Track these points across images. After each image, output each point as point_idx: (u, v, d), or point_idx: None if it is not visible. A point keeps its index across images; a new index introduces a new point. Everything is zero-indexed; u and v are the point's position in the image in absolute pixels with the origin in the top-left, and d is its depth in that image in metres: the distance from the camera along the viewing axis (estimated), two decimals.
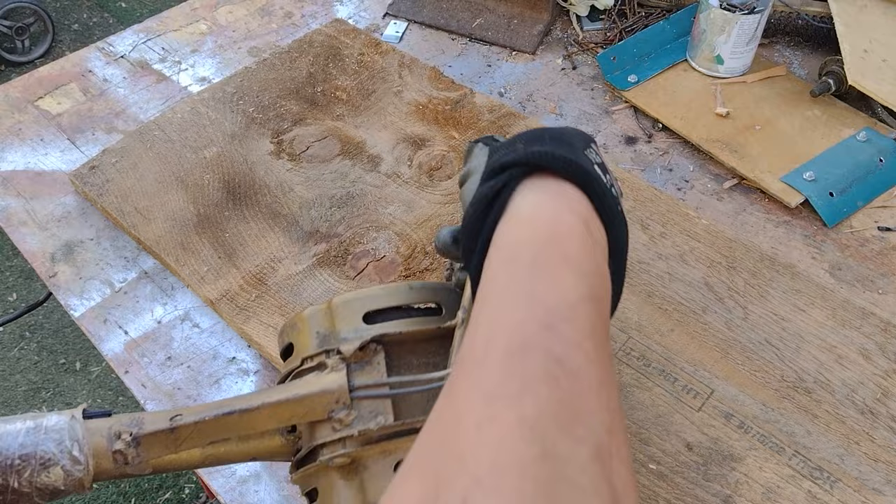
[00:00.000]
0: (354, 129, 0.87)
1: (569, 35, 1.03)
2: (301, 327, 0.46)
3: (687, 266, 0.73)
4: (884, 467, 0.60)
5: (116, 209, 0.79)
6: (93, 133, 0.91)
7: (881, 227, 0.78)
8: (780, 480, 0.59)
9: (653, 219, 0.77)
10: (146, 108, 0.94)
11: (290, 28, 1.05)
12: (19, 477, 0.38)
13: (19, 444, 0.39)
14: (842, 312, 0.69)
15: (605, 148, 0.87)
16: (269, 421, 0.42)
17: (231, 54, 1.01)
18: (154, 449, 0.41)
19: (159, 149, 0.84)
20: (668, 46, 0.96)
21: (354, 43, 0.98)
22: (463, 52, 1.01)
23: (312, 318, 0.45)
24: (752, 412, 0.63)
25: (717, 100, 0.90)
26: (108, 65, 1.00)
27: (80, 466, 0.40)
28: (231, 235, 0.76)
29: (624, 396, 0.63)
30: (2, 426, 0.39)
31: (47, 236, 0.80)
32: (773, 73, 0.93)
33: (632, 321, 0.69)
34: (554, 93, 0.95)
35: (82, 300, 0.74)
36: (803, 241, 0.77)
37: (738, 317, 0.69)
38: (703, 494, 0.58)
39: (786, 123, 0.87)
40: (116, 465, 0.41)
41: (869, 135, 0.84)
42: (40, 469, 0.39)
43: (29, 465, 0.39)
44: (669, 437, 0.61)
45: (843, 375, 0.65)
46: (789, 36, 1.01)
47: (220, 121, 0.88)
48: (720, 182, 0.83)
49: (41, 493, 0.39)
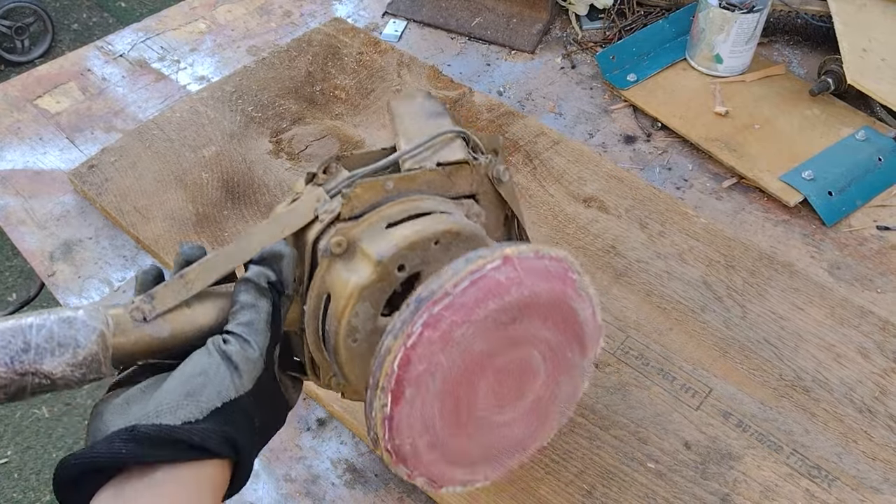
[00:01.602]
0: (353, 129, 0.87)
1: (568, 34, 1.03)
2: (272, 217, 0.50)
3: (685, 265, 0.73)
4: (882, 465, 0.60)
5: (115, 208, 0.79)
6: (92, 132, 0.91)
7: (880, 226, 0.78)
8: (779, 479, 0.59)
9: (651, 218, 0.77)
10: (145, 107, 0.94)
11: (288, 27, 1.05)
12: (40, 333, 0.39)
13: (36, 315, 0.39)
14: (840, 311, 0.69)
15: (603, 147, 0.88)
16: (264, 237, 0.45)
17: (230, 53, 1.01)
18: (168, 298, 0.43)
19: (158, 148, 0.84)
20: (667, 45, 0.96)
21: (353, 42, 0.98)
22: (462, 51, 1.01)
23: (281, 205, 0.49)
24: (751, 411, 0.63)
25: (716, 99, 0.90)
26: (107, 64, 1.00)
27: (98, 318, 0.40)
28: (230, 234, 0.76)
29: (622, 395, 0.64)
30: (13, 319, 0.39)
31: (46, 235, 0.80)
32: (772, 72, 0.93)
33: (630, 320, 0.69)
34: (553, 92, 0.95)
35: (81, 299, 0.74)
36: (802, 239, 0.77)
37: (737, 315, 0.69)
38: (701, 493, 0.58)
39: (785, 122, 0.87)
40: (135, 322, 0.42)
41: (868, 134, 0.84)
42: (61, 324, 0.39)
43: (48, 323, 0.39)
44: (668, 435, 0.61)
45: (841, 374, 0.65)
46: (788, 35, 1.01)
47: (218, 120, 0.88)
48: (719, 181, 0.83)
49: (66, 353, 0.39)
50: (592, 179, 0.81)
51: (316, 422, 0.65)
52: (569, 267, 0.44)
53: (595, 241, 0.75)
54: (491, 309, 0.41)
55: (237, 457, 0.40)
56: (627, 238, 0.75)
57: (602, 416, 0.62)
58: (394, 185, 0.47)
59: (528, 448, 0.49)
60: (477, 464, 0.47)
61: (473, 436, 0.45)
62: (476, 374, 0.43)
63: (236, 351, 0.41)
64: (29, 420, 1.65)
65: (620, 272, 0.72)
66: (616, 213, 0.78)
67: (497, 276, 0.41)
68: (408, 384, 0.40)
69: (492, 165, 0.50)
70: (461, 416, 0.44)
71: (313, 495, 0.61)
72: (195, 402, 0.39)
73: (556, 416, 0.49)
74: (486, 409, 0.45)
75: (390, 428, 0.41)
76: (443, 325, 0.40)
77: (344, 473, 0.62)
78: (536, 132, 0.86)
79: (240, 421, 0.41)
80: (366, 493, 0.61)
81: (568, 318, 0.45)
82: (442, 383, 0.41)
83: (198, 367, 0.41)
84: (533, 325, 0.43)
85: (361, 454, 0.63)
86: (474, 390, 0.43)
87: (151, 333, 0.42)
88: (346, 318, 0.44)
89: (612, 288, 0.71)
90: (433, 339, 0.40)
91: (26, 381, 0.39)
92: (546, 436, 0.50)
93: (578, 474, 0.59)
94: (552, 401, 0.48)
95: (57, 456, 1.57)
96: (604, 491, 0.58)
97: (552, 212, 0.78)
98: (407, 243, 0.44)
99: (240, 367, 0.41)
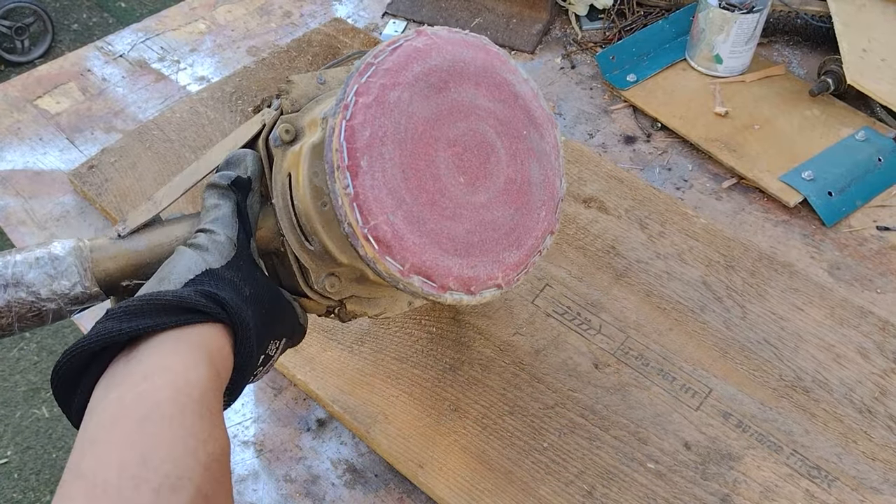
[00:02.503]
0: None
1: (568, 34, 1.03)
2: None
3: (685, 265, 0.73)
4: (881, 466, 0.60)
5: (115, 209, 0.79)
6: (91, 132, 0.91)
7: (880, 226, 0.78)
8: (778, 479, 0.59)
9: (651, 218, 0.77)
10: (145, 107, 0.94)
11: (288, 27, 1.05)
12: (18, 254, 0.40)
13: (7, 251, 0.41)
14: (840, 311, 0.69)
15: (603, 147, 0.88)
16: (221, 152, 0.48)
17: (230, 54, 1.01)
18: (139, 217, 0.46)
19: (158, 148, 0.84)
20: (666, 46, 0.96)
21: (353, 42, 0.98)
22: None
23: None
24: (751, 411, 0.63)
25: (716, 99, 0.90)
26: (107, 64, 1.00)
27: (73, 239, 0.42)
28: None
29: (622, 395, 0.64)
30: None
31: (46, 236, 0.80)
32: (772, 72, 0.93)
33: (630, 320, 0.69)
34: (553, 92, 0.95)
35: None
36: (802, 240, 0.77)
37: (737, 316, 0.69)
38: (701, 493, 0.58)
39: (785, 123, 0.87)
40: (111, 239, 0.44)
41: (868, 134, 0.84)
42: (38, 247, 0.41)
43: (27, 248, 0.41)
44: (667, 436, 0.61)
45: (841, 374, 0.65)
46: (788, 35, 1.01)
47: (218, 120, 0.88)
48: (719, 181, 0.83)
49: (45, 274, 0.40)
50: (592, 180, 0.81)
51: (316, 422, 0.65)
52: (488, 44, 0.47)
53: (595, 242, 0.75)
54: (417, 71, 0.43)
55: (224, 314, 0.38)
56: (627, 238, 0.75)
57: (602, 416, 0.62)
58: (325, 77, 0.49)
59: (521, 239, 0.48)
60: (471, 252, 0.45)
61: (453, 216, 0.44)
62: (429, 144, 0.44)
63: (202, 240, 0.42)
64: (29, 420, 1.65)
65: (620, 272, 0.72)
66: (616, 213, 0.78)
67: (415, 44, 0.44)
68: (360, 153, 0.41)
69: None
70: (429, 188, 0.43)
71: (313, 496, 0.61)
72: (167, 283, 0.39)
73: (538, 204, 0.48)
74: (455, 186, 0.45)
75: (359, 208, 0.41)
76: (374, 91, 0.42)
77: (344, 474, 0.62)
78: None
79: (220, 285, 0.39)
80: (366, 494, 0.61)
81: (503, 89, 0.47)
82: (395, 150, 0.42)
83: (167, 261, 0.41)
84: (467, 92, 0.45)
85: (361, 454, 0.63)
86: (433, 162, 0.44)
87: (129, 248, 0.44)
88: (307, 180, 0.45)
89: (612, 288, 0.71)
90: (368, 103, 0.42)
91: (9, 298, 0.39)
92: (535, 226, 0.48)
93: (578, 475, 0.59)
94: (527, 185, 0.48)
95: (57, 456, 1.58)
96: (604, 491, 0.58)
97: None
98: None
99: (208, 248, 0.41)
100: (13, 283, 0.39)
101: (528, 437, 0.61)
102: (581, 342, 0.67)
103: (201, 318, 0.37)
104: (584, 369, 0.65)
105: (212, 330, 0.38)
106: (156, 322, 0.36)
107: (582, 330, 0.68)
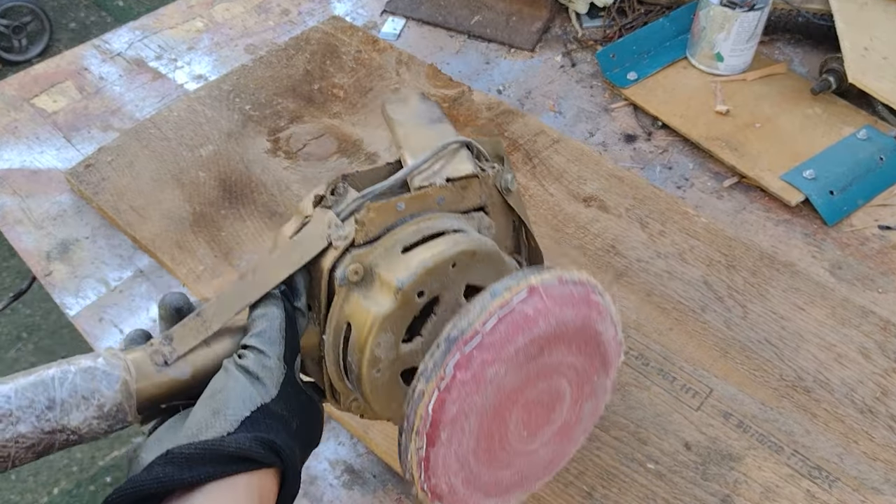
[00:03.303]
0: (351, 127, 0.87)
1: (568, 32, 1.02)
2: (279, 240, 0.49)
3: (686, 265, 0.72)
4: (882, 466, 0.59)
5: (112, 207, 0.78)
6: (88, 131, 0.90)
7: (881, 225, 0.78)
8: (779, 480, 0.58)
9: (652, 217, 0.77)
10: (142, 105, 0.93)
11: (286, 25, 1.04)
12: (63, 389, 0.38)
13: (55, 367, 0.39)
14: (841, 311, 0.69)
15: (604, 146, 0.87)
16: (280, 269, 0.44)
17: (227, 52, 1.00)
18: (187, 339, 0.42)
19: (155, 147, 0.84)
20: (667, 44, 0.96)
21: (352, 40, 0.98)
22: (461, 49, 1.01)
23: (286, 227, 0.48)
24: (751, 411, 0.62)
25: (717, 97, 0.90)
26: (104, 62, 0.99)
27: (120, 366, 0.39)
28: (227, 234, 0.76)
29: (622, 396, 0.63)
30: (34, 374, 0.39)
31: (43, 235, 0.79)
32: (774, 70, 0.93)
33: (630, 320, 0.68)
34: (553, 90, 0.94)
35: (78, 299, 0.74)
36: (803, 239, 0.77)
37: (738, 316, 0.69)
38: (701, 494, 0.58)
39: (786, 121, 0.86)
40: (157, 367, 0.41)
41: (869, 133, 0.83)
42: (84, 375, 0.38)
43: (70, 376, 0.38)
44: (668, 436, 0.61)
45: (842, 374, 0.65)
46: (789, 33, 1.00)
47: (216, 119, 0.87)
48: (720, 180, 0.83)
49: (91, 406, 0.38)
50: (592, 178, 0.80)
51: None
52: (592, 289, 0.44)
53: (595, 241, 0.75)
54: (521, 344, 0.41)
55: (278, 461, 0.39)
56: (628, 237, 0.75)
57: (602, 416, 0.62)
58: (405, 205, 0.46)
59: (555, 467, 0.49)
60: (510, 490, 0.47)
61: (505, 466, 0.45)
62: (507, 409, 0.43)
63: (252, 362, 0.41)
64: None
65: (620, 272, 0.72)
66: (616, 212, 0.77)
67: (525, 309, 0.41)
68: (443, 427, 0.40)
69: (499, 175, 0.50)
70: (494, 451, 0.44)
71: (311, 496, 0.60)
72: (223, 418, 0.39)
73: (580, 433, 0.49)
74: (517, 441, 0.45)
75: (426, 469, 0.41)
76: (475, 366, 0.40)
77: (342, 474, 0.62)
78: (536, 131, 0.86)
79: (273, 425, 0.40)
80: (364, 494, 0.60)
81: (592, 342, 0.45)
82: (476, 422, 0.41)
83: (217, 385, 0.40)
84: (560, 353, 0.43)
85: (359, 455, 0.63)
86: (505, 424, 0.43)
87: (174, 376, 0.41)
88: (368, 349, 0.44)
89: (611, 287, 0.71)
90: (466, 380, 0.40)
91: (54, 439, 0.38)
92: (571, 452, 0.50)
93: (578, 475, 0.59)
94: (578, 422, 0.48)
95: (54, 458, 1.57)
96: (604, 492, 0.58)
97: (552, 211, 0.77)
98: (425, 269, 0.44)
99: (259, 375, 0.40)
100: (58, 430, 0.38)
101: None
102: None
103: (257, 465, 0.38)
104: None
105: (265, 476, 0.38)
106: (216, 470, 0.37)
107: None
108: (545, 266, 0.46)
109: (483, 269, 0.46)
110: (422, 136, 0.52)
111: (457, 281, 0.45)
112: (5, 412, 0.36)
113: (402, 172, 0.48)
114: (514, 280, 0.41)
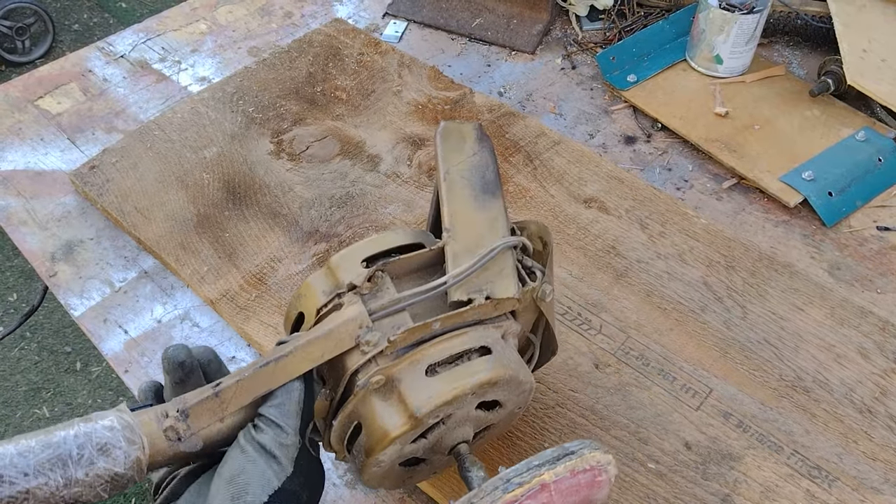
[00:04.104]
0: (354, 129, 0.87)
1: (568, 35, 1.03)
2: (307, 293, 0.48)
3: (686, 265, 0.73)
4: (882, 466, 0.60)
5: (116, 209, 0.79)
6: (93, 133, 0.91)
7: (880, 226, 0.78)
8: (779, 479, 0.59)
9: (652, 218, 0.77)
10: (146, 107, 0.94)
11: (289, 28, 1.05)
12: (79, 467, 0.39)
13: (73, 434, 0.39)
14: (840, 311, 0.69)
15: (604, 147, 0.88)
16: (303, 363, 0.44)
17: (231, 54, 1.01)
18: (203, 418, 0.42)
19: (159, 149, 0.84)
20: (667, 46, 0.96)
21: (354, 43, 0.98)
22: (462, 51, 1.01)
23: (316, 281, 0.48)
24: (751, 411, 0.63)
25: (717, 99, 0.90)
26: (108, 64, 1.00)
27: (136, 445, 0.40)
28: (231, 235, 0.76)
29: (623, 396, 0.64)
30: (54, 432, 0.40)
31: (47, 236, 0.80)
32: (772, 72, 0.93)
33: (630, 320, 0.69)
34: (553, 92, 0.95)
35: (82, 300, 0.74)
36: (802, 240, 0.77)
37: (737, 316, 0.69)
38: (701, 493, 0.58)
39: (785, 123, 0.87)
40: (170, 442, 0.41)
41: (868, 134, 0.84)
42: (99, 454, 0.39)
43: (86, 452, 0.39)
44: (668, 436, 0.61)
45: (841, 374, 0.65)
46: (788, 36, 1.01)
47: (219, 121, 0.88)
48: (719, 182, 0.83)
49: (103, 481, 0.39)
50: (593, 180, 0.81)
51: None
52: (600, 471, 0.44)
53: (595, 242, 0.75)
54: None
55: None
56: (628, 238, 0.75)
57: (602, 416, 0.62)
58: (440, 325, 0.46)
59: None
60: None
61: None
62: None
63: (270, 439, 0.41)
64: (30, 420, 1.65)
65: (621, 273, 0.72)
66: (616, 213, 0.78)
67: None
68: None
69: (538, 288, 0.49)
70: None
71: None
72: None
73: None
74: None
75: None
76: None
77: (345, 474, 0.62)
78: (537, 133, 0.86)
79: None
80: (367, 494, 0.61)
81: None
82: None
83: (235, 467, 0.41)
84: None
85: None
86: None
87: (185, 450, 0.42)
88: (374, 455, 0.45)
89: (612, 288, 0.71)
90: None
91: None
92: None
93: None
94: None
95: None
96: None
97: (552, 212, 0.78)
98: (443, 401, 0.45)
99: (276, 454, 0.41)
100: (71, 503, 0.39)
101: (530, 437, 0.61)
102: (581, 342, 0.67)
103: None
104: (585, 369, 0.65)
105: None
106: None
107: (582, 330, 0.68)
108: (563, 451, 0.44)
109: (500, 391, 0.47)
110: (469, 220, 0.50)
111: (472, 402, 0.47)
112: (22, 490, 0.37)
113: (442, 282, 0.47)
114: (529, 474, 0.41)
